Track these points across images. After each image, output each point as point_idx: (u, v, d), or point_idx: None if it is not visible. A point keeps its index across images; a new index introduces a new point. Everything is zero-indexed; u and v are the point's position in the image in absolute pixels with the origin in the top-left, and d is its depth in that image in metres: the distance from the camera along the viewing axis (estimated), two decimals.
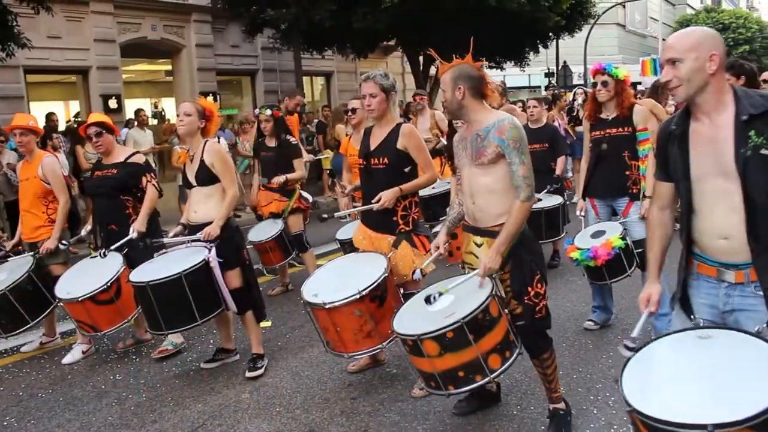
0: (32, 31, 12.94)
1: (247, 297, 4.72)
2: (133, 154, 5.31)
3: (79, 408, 4.42)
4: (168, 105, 19.15)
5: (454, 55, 3.55)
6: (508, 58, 19.36)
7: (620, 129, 4.92)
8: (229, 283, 4.57)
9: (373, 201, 4.12)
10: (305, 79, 19.61)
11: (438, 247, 3.70)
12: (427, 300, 3.37)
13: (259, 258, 6.41)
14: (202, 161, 4.61)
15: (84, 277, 4.94)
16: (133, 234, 4.99)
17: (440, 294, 3.36)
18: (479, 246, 3.50)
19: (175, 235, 4.72)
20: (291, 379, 4.63)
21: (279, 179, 6.31)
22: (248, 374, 4.63)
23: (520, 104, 12.25)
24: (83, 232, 5.66)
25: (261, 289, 5.22)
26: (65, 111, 17.70)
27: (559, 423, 3.66)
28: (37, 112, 16.20)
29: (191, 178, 4.69)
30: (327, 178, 13.79)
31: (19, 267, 5.26)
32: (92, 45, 16.48)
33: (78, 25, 16.13)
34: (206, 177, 4.62)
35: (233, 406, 4.26)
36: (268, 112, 6.43)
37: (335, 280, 4.09)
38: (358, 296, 3.82)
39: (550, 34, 18.56)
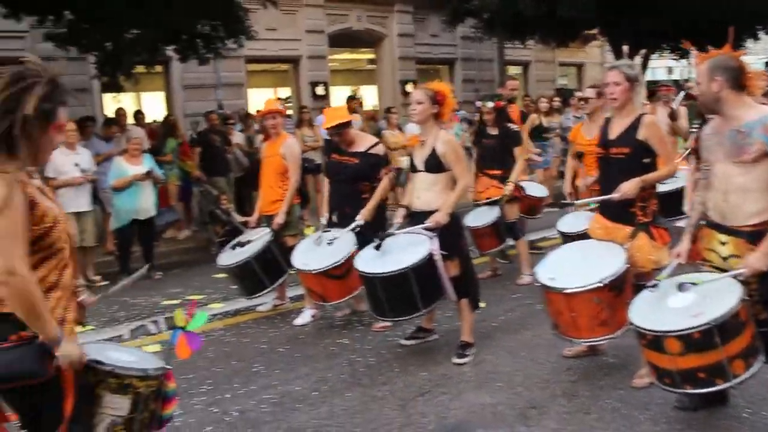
0: (254, 24, 14.10)
1: (464, 285, 4.82)
2: (375, 144, 5.59)
3: (314, 365, 4.89)
4: (369, 93, 19.95)
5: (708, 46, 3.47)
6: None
7: None
8: (447, 272, 4.65)
9: (613, 192, 4.10)
10: (499, 69, 19.61)
11: (679, 255, 3.63)
12: (680, 287, 3.36)
13: (473, 242, 6.58)
14: (433, 149, 4.72)
15: (319, 251, 5.37)
16: (359, 221, 5.32)
17: (693, 284, 3.34)
18: (723, 244, 3.42)
19: (403, 218, 4.97)
20: (509, 358, 4.78)
21: (508, 188, 6.46)
22: (455, 360, 4.75)
23: None
24: (323, 221, 5.85)
25: None
26: (274, 97, 19.09)
27: None
28: (253, 97, 17.66)
29: (419, 163, 4.82)
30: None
31: (260, 238, 5.87)
32: (303, 36, 17.62)
33: (292, 17, 17.28)
34: (435, 165, 4.73)
35: (456, 377, 4.50)
36: (490, 104, 6.58)
37: (571, 266, 4.15)
38: (600, 284, 3.87)
39: None
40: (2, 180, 2.23)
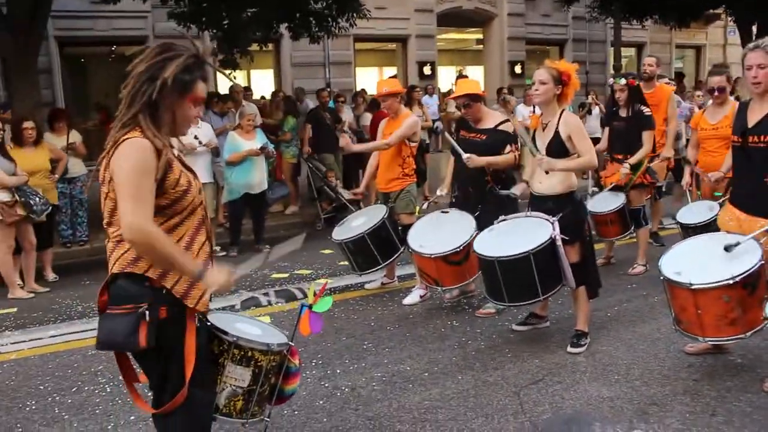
0: (364, 3, 14.13)
1: (583, 272, 4.62)
2: (504, 121, 5.44)
3: (425, 345, 4.87)
4: (475, 73, 19.69)
5: None
6: None
7: None
8: (568, 258, 4.48)
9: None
10: (613, 51, 18.90)
11: None
12: None
13: (596, 229, 6.28)
14: (557, 132, 4.51)
15: (437, 233, 5.31)
16: (466, 156, 5.18)
17: None
18: None
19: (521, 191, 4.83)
20: (626, 351, 4.60)
21: (624, 170, 6.18)
22: (570, 349, 4.60)
23: None
24: (439, 192, 5.89)
25: None
26: (378, 76, 19.13)
27: None
28: (361, 76, 17.80)
29: (541, 147, 4.62)
30: None
31: (375, 214, 5.90)
32: (412, 15, 17.58)
33: None
34: (558, 149, 4.51)
35: (570, 366, 4.37)
36: (623, 81, 6.24)
37: (700, 260, 3.91)
38: (731, 281, 3.63)
39: None
40: (149, 144, 2.31)
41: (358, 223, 5.91)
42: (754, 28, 15.69)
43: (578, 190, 4.67)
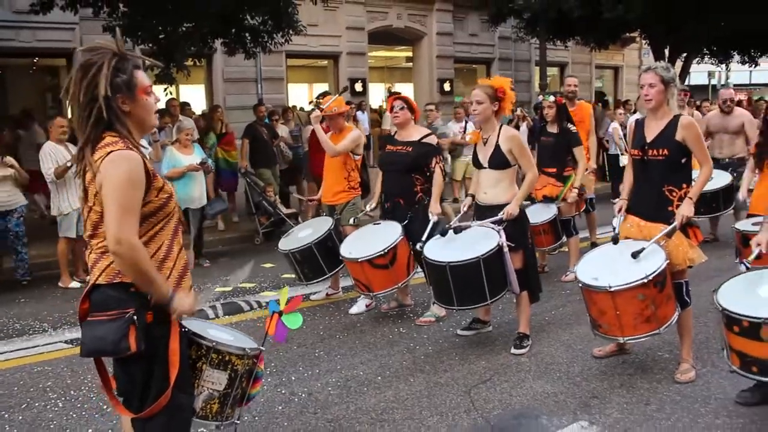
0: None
1: (526, 277, 4.90)
2: (428, 135, 5.70)
3: (375, 351, 5.03)
4: (405, 90, 20.07)
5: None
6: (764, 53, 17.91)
7: None
8: (512, 264, 4.74)
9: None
10: (539, 69, 19.68)
11: (759, 244, 3.77)
12: None
13: None
14: (497, 146, 4.81)
15: (366, 241, 5.50)
16: (433, 218, 5.39)
17: None
18: None
19: (468, 207, 5.10)
20: (565, 350, 4.89)
21: (572, 195, 6.54)
22: (513, 350, 4.87)
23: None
24: (368, 208, 6.08)
25: None
26: (309, 93, 19.27)
27: None
28: (293, 92, 17.89)
29: (483, 160, 4.91)
30: None
31: (321, 225, 6.04)
32: (344, 32, 17.79)
33: (333, 14, 17.40)
34: (500, 162, 4.81)
35: (515, 366, 4.62)
36: (552, 98, 6.64)
37: (609, 266, 4.19)
38: (645, 280, 3.94)
39: None
40: (130, 156, 2.37)
41: (305, 234, 6.03)
42: (666, 51, 16.66)
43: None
